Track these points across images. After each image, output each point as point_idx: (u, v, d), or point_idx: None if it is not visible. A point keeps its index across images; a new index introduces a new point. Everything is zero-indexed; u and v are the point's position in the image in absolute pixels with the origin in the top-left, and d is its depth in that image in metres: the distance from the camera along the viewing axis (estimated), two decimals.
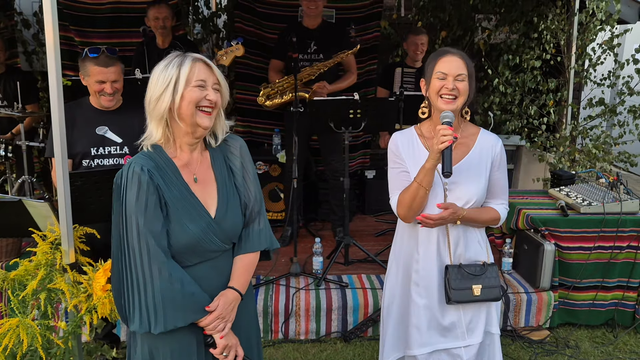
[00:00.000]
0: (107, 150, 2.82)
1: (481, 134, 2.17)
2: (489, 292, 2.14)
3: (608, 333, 3.62)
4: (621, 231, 3.50)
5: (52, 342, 2.01)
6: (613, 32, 4.69)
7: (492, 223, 2.20)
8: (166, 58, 1.71)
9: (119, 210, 1.65)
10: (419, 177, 2.04)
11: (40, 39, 5.31)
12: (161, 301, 1.62)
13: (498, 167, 2.15)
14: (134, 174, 1.63)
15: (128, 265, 1.64)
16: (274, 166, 4.84)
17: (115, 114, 2.87)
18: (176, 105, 1.65)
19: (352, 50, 4.21)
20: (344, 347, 3.40)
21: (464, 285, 2.11)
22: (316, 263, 3.80)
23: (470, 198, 2.10)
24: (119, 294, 1.68)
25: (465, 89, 2.04)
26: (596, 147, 4.68)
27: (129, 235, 1.62)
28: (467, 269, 2.13)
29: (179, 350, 1.73)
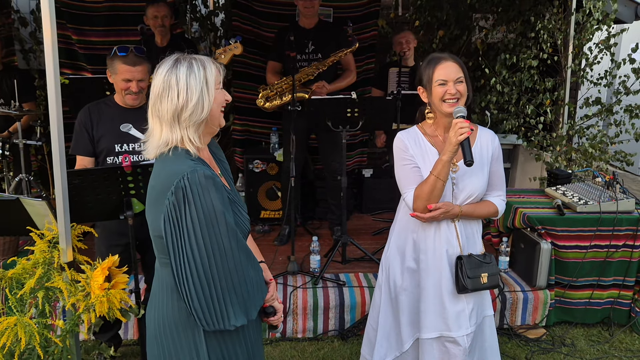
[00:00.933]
0: (132, 147, 2.84)
1: (480, 131, 2.34)
2: (493, 279, 2.28)
3: (604, 331, 3.64)
4: (617, 230, 3.52)
5: (50, 341, 2.02)
6: (610, 31, 4.71)
7: (491, 216, 2.36)
8: (178, 60, 1.68)
9: (199, 217, 1.60)
10: (436, 170, 2.15)
11: (38, 37, 5.30)
12: (253, 287, 1.69)
13: (497, 159, 2.32)
14: (207, 178, 1.60)
15: (221, 266, 1.62)
16: (271, 165, 4.84)
17: (140, 111, 2.87)
18: (211, 107, 1.68)
19: (350, 49, 4.21)
20: (342, 345, 3.41)
21: (476, 273, 2.25)
22: (313, 261, 3.81)
23: (474, 191, 2.26)
24: (209, 301, 1.63)
25: (465, 90, 2.19)
26: (592, 147, 4.69)
27: (217, 236, 1.61)
28: (478, 258, 2.29)
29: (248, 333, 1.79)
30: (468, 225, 2.34)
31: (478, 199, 2.31)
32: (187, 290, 1.61)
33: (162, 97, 1.64)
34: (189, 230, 1.59)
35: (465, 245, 2.32)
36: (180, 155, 1.67)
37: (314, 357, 3.30)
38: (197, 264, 1.60)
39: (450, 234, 2.30)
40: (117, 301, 2.05)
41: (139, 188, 2.51)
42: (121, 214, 2.54)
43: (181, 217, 1.60)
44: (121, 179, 2.46)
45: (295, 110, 3.87)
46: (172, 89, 1.63)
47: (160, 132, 1.67)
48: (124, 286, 2.10)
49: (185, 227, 1.59)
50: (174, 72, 1.64)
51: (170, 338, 1.74)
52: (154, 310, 1.78)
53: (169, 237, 1.61)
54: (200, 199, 1.59)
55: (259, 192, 4.88)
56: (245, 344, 1.78)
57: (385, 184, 5.24)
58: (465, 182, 2.26)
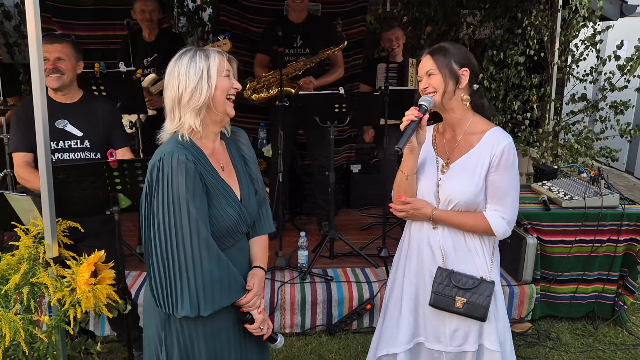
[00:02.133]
0: (68, 144, 2.76)
1: (489, 133, 2.05)
2: (472, 308, 2.03)
3: (588, 325, 3.68)
4: (602, 225, 3.55)
5: (36, 337, 2.00)
6: (595, 28, 4.75)
7: (481, 231, 2.05)
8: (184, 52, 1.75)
9: (163, 199, 1.66)
10: (401, 164, 2.10)
11: (22, 31, 5.23)
12: (210, 283, 1.69)
13: (496, 168, 2.01)
14: (179, 162, 1.65)
15: (176, 252, 1.66)
16: (259, 160, 4.81)
17: (75, 107, 2.81)
18: (211, 94, 1.73)
19: (339, 46, 4.21)
20: (329, 340, 3.42)
21: (448, 293, 2.05)
22: (301, 257, 3.81)
23: (455, 197, 2.04)
24: (163, 283, 1.69)
25: (437, 83, 2.02)
26: (578, 142, 4.74)
27: (177, 222, 1.65)
28: (455, 278, 2.06)
29: (218, 331, 1.80)
30: (459, 237, 2.09)
31: (461, 207, 2.05)
32: (149, 267, 1.71)
33: (167, 87, 1.75)
34: (156, 210, 1.67)
35: (452, 259, 2.09)
36: (172, 138, 1.75)
37: (301, 352, 3.30)
38: (157, 245, 1.67)
39: (433, 240, 2.12)
40: (104, 296, 2.04)
41: (126, 183, 2.49)
42: (107, 210, 2.52)
43: (151, 196, 1.68)
44: (107, 174, 2.44)
45: (283, 105, 3.86)
46: (174, 79, 1.73)
47: (168, 121, 1.78)
48: (110, 281, 2.09)
49: (154, 206, 1.67)
50: (177, 63, 1.74)
51: (147, 314, 1.85)
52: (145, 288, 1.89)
53: (142, 214, 1.71)
54: (168, 181, 1.65)
55: None
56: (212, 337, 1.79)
57: (374, 180, 5.25)
58: (447, 185, 2.07)
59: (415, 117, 1.98)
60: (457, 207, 2.06)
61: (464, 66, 2.04)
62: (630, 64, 4.59)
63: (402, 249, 2.26)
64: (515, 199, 2.05)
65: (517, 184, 2.05)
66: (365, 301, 3.52)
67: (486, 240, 2.11)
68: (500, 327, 2.13)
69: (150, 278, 1.72)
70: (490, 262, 2.11)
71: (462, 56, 2.05)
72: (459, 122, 2.10)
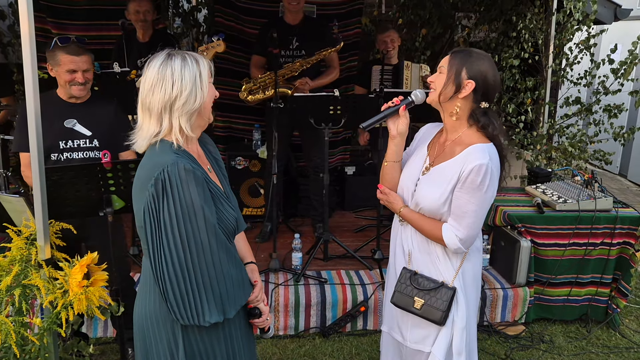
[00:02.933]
0: (76, 144, 2.78)
1: (471, 147, 1.98)
2: (430, 311, 2.04)
3: (581, 328, 3.69)
4: (595, 228, 3.56)
5: (27, 339, 1.99)
6: (589, 32, 4.77)
7: (435, 239, 2.05)
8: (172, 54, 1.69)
9: (176, 210, 1.60)
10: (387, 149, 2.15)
11: (16, 31, 5.20)
12: (232, 284, 1.69)
13: (461, 185, 1.96)
14: (187, 171, 1.62)
15: (197, 261, 1.62)
16: (254, 162, 4.82)
17: (84, 106, 2.83)
18: (204, 99, 1.71)
19: (335, 48, 4.21)
20: (323, 343, 3.41)
21: (408, 292, 2.08)
22: (295, 259, 3.80)
23: (420, 202, 2.06)
24: (183, 295, 1.63)
25: (439, 81, 2.00)
26: (572, 145, 4.75)
27: (195, 231, 1.61)
28: (416, 279, 2.09)
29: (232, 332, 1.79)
30: (422, 240, 2.10)
31: (425, 212, 2.05)
32: (164, 283, 1.62)
33: (154, 89, 1.66)
34: (166, 223, 1.60)
35: (416, 259, 2.12)
36: (164, 147, 1.69)
37: (295, 355, 3.29)
38: (174, 257, 1.61)
39: (404, 237, 2.16)
40: (96, 299, 2.03)
41: (119, 185, 2.48)
42: (101, 211, 2.51)
43: (159, 209, 1.61)
44: (101, 176, 2.43)
45: (278, 107, 3.86)
46: (167, 80, 1.65)
47: (148, 124, 1.69)
48: (103, 284, 2.08)
49: (163, 219, 1.61)
50: (168, 64, 1.67)
51: (152, 330, 1.75)
52: (139, 302, 1.80)
53: (148, 229, 1.63)
54: (179, 192, 1.60)
55: (242, 189, 4.86)
56: (225, 342, 1.77)
57: (368, 182, 5.25)
58: (421, 188, 2.07)
59: (393, 104, 2.05)
60: (422, 212, 2.07)
61: (474, 79, 1.95)
62: (624, 68, 4.60)
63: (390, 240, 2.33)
64: (474, 221, 1.98)
65: (479, 207, 1.97)
66: (359, 303, 3.51)
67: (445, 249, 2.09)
68: (457, 337, 2.08)
69: (167, 293, 1.63)
70: (457, 269, 2.08)
71: (479, 70, 1.95)
72: (451, 128, 2.08)
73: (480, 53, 2.00)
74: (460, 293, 2.07)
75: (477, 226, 2.00)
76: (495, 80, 1.99)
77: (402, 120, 2.08)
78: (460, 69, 1.96)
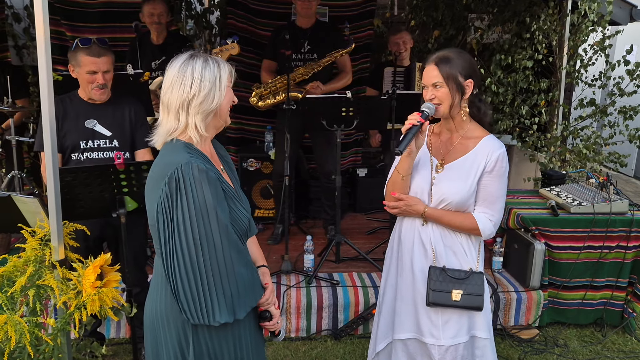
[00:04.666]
0: (97, 144, 2.82)
1: (485, 139, 2.15)
2: (470, 299, 2.12)
3: (596, 332, 3.65)
4: (610, 231, 3.52)
5: (41, 339, 2.00)
6: (604, 33, 4.72)
7: (468, 230, 2.16)
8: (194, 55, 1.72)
9: (189, 210, 1.61)
10: (398, 164, 2.18)
11: (31, 33, 5.26)
12: (243, 285, 1.69)
13: (489, 174, 2.11)
14: (200, 171, 1.63)
15: (209, 261, 1.63)
16: (265, 163, 4.83)
17: (105, 107, 2.88)
18: (221, 102, 1.73)
19: (346, 49, 4.20)
20: (335, 345, 3.40)
21: (444, 288, 2.13)
22: (307, 261, 3.80)
23: (447, 197, 2.14)
24: (194, 294, 1.64)
25: (443, 95, 2.09)
26: (587, 148, 4.71)
27: (207, 230, 1.62)
28: (449, 272, 2.15)
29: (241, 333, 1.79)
30: (447, 234, 2.19)
31: (453, 207, 2.14)
32: (175, 281, 1.64)
33: (174, 87, 1.70)
34: (179, 222, 1.62)
35: (441, 255, 2.18)
36: (178, 146, 1.71)
37: (307, 357, 3.29)
38: (185, 256, 1.62)
39: (424, 237, 2.21)
40: (109, 299, 2.03)
41: (132, 186, 2.49)
42: (114, 212, 2.52)
43: (173, 208, 1.62)
44: (114, 177, 2.45)
45: (290, 109, 3.85)
46: (187, 79, 1.68)
47: (167, 121, 1.72)
48: (115, 284, 2.08)
49: (176, 218, 1.62)
50: (190, 64, 1.70)
51: (162, 328, 1.77)
52: (150, 301, 1.81)
53: (161, 227, 1.64)
54: (192, 191, 1.61)
55: (253, 190, 4.87)
56: (234, 343, 1.77)
57: (380, 184, 5.15)
58: (442, 185, 2.15)
59: (417, 122, 2.06)
60: (449, 207, 2.15)
61: (469, 77, 2.10)
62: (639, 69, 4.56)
63: (393, 246, 2.36)
64: (503, 205, 2.16)
65: (505, 190, 2.16)
66: (371, 306, 3.50)
67: (472, 238, 2.21)
68: (487, 318, 2.23)
69: (178, 292, 1.64)
70: (477, 257, 2.22)
71: (467, 66, 2.11)
72: (457, 127, 2.18)
73: (453, 51, 2.13)
74: (485, 278, 2.19)
75: (503, 210, 2.19)
76: (475, 63, 2.17)
77: (422, 135, 2.14)
78: (455, 75, 2.07)
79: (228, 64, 1.78)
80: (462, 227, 2.15)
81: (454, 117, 2.16)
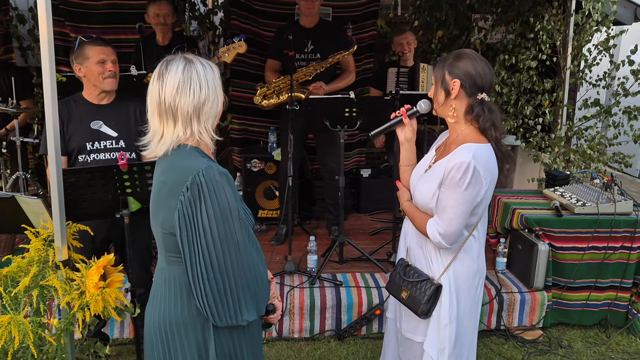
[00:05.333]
0: (103, 145, 2.83)
1: (460, 147, 2.05)
2: (412, 302, 2.16)
3: (601, 333, 3.63)
4: (615, 232, 3.51)
5: (44, 339, 2.01)
6: (609, 33, 4.70)
7: (421, 231, 2.14)
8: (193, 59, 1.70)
9: (215, 213, 1.61)
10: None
11: (36, 35, 5.28)
12: (263, 282, 1.71)
13: (444, 182, 2.03)
14: (221, 174, 1.63)
15: (236, 262, 1.63)
16: (269, 164, 4.83)
17: (110, 108, 2.89)
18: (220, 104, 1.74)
19: (349, 51, 4.20)
20: (338, 346, 3.40)
21: (398, 282, 2.23)
22: (311, 261, 3.80)
23: (415, 196, 2.20)
24: (222, 296, 1.63)
25: (432, 92, 2.17)
26: (591, 148, 4.69)
27: (232, 232, 1.62)
28: (408, 270, 2.22)
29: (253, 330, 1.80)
30: (419, 235, 2.19)
31: (420, 208, 2.15)
32: (202, 286, 1.62)
33: (181, 92, 1.64)
34: (205, 226, 1.60)
35: (413, 251, 2.24)
36: (191, 152, 1.69)
37: (310, 357, 3.29)
38: (213, 260, 1.61)
39: (405, 230, 2.31)
40: (113, 300, 2.04)
41: (135, 187, 2.50)
42: (117, 212, 2.53)
43: (196, 213, 1.60)
44: (117, 178, 2.45)
45: (294, 109, 3.86)
46: (194, 82, 1.65)
47: (173, 129, 1.67)
48: (119, 285, 2.09)
49: (201, 222, 1.60)
50: (192, 67, 1.67)
51: (178, 336, 1.73)
52: (158, 309, 1.77)
53: (184, 233, 1.62)
54: (215, 195, 1.61)
55: (257, 191, 4.87)
56: (251, 339, 1.79)
57: (383, 184, 5.23)
58: (418, 184, 2.18)
59: (398, 113, 2.23)
60: (418, 206, 2.19)
61: (457, 78, 2.04)
62: None
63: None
64: (453, 217, 2.01)
65: (458, 203, 2.00)
66: (374, 306, 3.50)
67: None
68: (442, 334, 2.14)
69: (205, 296, 1.62)
70: (445, 268, 2.14)
71: (459, 67, 2.04)
72: (452, 129, 2.18)
73: (458, 52, 2.11)
74: (446, 291, 2.12)
75: (456, 223, 2.02)
76: (480, 69, 2.05)
77: (408, 128, 2.24)
78: (443, 74, 2.09)
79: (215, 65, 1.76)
80: (419, 228, 2.15)
81: (447, 119, 2.17)
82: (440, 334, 2.15)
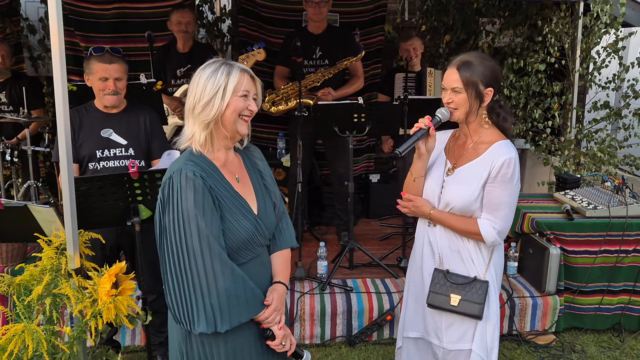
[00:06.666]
0: (113, 152, 2.86)
1: (495, 145, 2.09)
2: (468, 306, 2.11)
3: (614, 337, 3.60)
4: (627, 235, 3.48)
5: (57, 347, 2.02)
6: (618, 35, 4.68)
7: (471, 235, 2.13)
8: (211, 64, 1.76)
9: (173, 216, 1.67)
10: (411, 166, 2.22)
11: (46, 45, 5.34)
12: (226, 299, 1.68)
13: (493, 180, 2.06)
14: (187, 179, 1.67)
15: (189, 269, 1.66)
16: (278, 170, 4.84)
17: (120, 116, 2.92)
18: (221, 112, 1.73)
19: (357, 56, 4.21)
20: (349, 352, 3.39)
21: (443, 291, 2.14)
22: (321, 267, 3.79)
23: (451, 201, 2.13)
24: (178, 300, 1.69)
25: (461, 101, 2.07)
26: (601, 151, 4.67)
27: (188, 238, 1.66)
28: (450, 276, 2.15)
29: (240, 347, 1.79)
30: (454, 238, 2.17)
31: (456, 211, 2.13)
32: (165, 284, 1.72)
33: (187, 95, 1.78)
34: (166, 227, 1.69)
35: (447, 258, 2.19)
36: (185, 154, 1.78)
37: None
38: (170, 261, 1.69)
39: (432, 239, 2.22)
40: (125, 307, 2.04)
41: (146, 194, 2.51)
42: (128, 220, 2.54)
43: (163, 212, 1.70)
44: (128, 185, 2.46)
45: (302, 115, 3.87)
46: (193, 88, 1.75)
47: (186, 126, 1.80)
48: (131, 293, 2.10)
49: (166, 223, 1.69)
50: (201, 72, 1.76)
51: (170, 330, 1.86)
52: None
53: (156, 230, 1.73)
54: (177, 198, 1.67)
55: None
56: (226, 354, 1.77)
57: (392, 189, 5.22)
58: (449, 189, 2.15)
59: (425, 126, 2.09)
60: (453, 211, 2.15)
61: (490, 86, 2.06)
62: None
63: (414, 244, 2.38)
64: (509, 212, 2.09)
65: (512, 198, 2.09)
66: (385, 312, 3.49)
67: (482, 245, 2.15)
68: (489, 333, 2.16)
69: (167, 295, 1.72)
70: (487, 264, 2.17)
71: (489, 74, 2.06)
72: (473, 132, 2.16)
73: (477, 56, 2.10)
74: (492, 287, 2.14)
75: (511, 217, 2.10)
76: (499, 70, 2.12)
77: (432, 139, 2.15)
78: (476, 82, 2.04)
79: (246, 72, 1.77)
80: (465, 232, 2.13)
81: (469, 123, 2.14)
82: (488, 332, 2.16)
